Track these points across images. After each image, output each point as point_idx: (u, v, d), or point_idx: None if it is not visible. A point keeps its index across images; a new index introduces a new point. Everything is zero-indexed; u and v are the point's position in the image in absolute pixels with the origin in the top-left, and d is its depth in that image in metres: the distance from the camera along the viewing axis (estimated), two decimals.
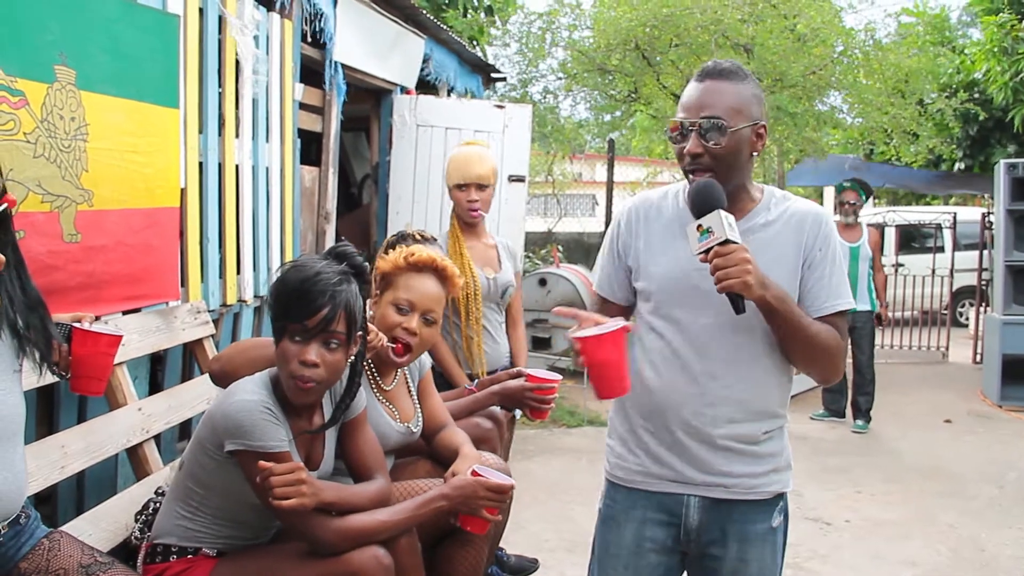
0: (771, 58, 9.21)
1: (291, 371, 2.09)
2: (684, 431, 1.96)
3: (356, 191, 7.86)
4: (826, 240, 1.97)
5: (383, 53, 5.83)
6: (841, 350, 1.96)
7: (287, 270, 2.15)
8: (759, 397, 1.97)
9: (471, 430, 2.81)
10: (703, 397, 1.94)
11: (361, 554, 2.10)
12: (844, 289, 1.98)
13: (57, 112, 2.74)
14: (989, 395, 8.18)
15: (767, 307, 1.84)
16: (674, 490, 2.00)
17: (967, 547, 4.47)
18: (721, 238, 1.77)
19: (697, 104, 1.90)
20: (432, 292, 2.54)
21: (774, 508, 2.02)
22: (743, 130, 1.90)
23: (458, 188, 3.66)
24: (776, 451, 2.02)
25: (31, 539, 2.01)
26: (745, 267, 1.76)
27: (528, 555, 3.62)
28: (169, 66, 3.42)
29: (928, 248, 11.89)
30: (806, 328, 1.89)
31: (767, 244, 1.93)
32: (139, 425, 2.96)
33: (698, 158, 1.89)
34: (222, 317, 4.06)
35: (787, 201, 2.01)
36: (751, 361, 1.95)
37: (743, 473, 1.97)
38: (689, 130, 1.90)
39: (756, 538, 1.99)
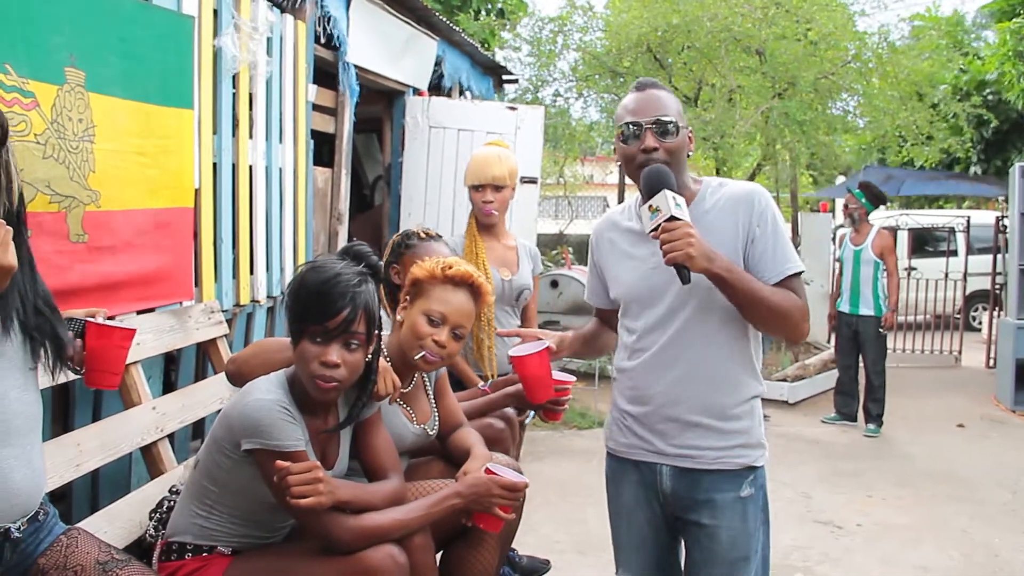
0: (783, 62, 9.19)
1: (312, 372, 2.09)
2: (658, 411, 2.23)
3: (369, 192, 7.88)
4: (762, 215, 2.18)
5: (396, 55, 5.85)
6: (800, 309, 2.16)
7: (306, 272, 2.15)
8: (722, 371, 2.20)
9: (484, 430, 2.81)
10: (667, 377, 2.20)
11: (376, 552, 2.11)
12: (789, 254, 2.18)
13: (66, 114, 2.76)
14: (1002, 400, 8.14)
15: (716, 278, 2.06)
16: (650, 459, 2.26)
17: (979, 552, 4.45)
18: (667, 215, 2.00)
19: (650, 107, 2.17)
20: (465, 308, 2.52)
21: (743, 480, 2.22)
22: (683, 130, 2.19)
23: (475, 189, 3.67)
24: (744, 428, 2.23)
25: (49, 535, 2.03)
26: (688, 240, 1.99)
27: (539, 556, 3.62)
28: (183, 67, 3.44)
29: (941, 252, 11.83)
30: (758, 292, 2.10)
31: (708, 229, 2.13)
32: (153, 424, 2.98)
33: (654, 152, 2.14)
34: (235, 317, 4.08)
35: (722, 188, 2.25)
36: (707, 336, 2.18)
37: (709, 446, 2.20)
38: (644, 129, 2.15)
39: (725, 506, 2.19)
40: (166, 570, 2.19)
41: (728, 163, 11.00)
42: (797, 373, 8.43)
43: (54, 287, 2.15)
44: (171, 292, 3.44)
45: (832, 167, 15.21)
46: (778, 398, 8.00)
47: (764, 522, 2.28)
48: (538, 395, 2.57)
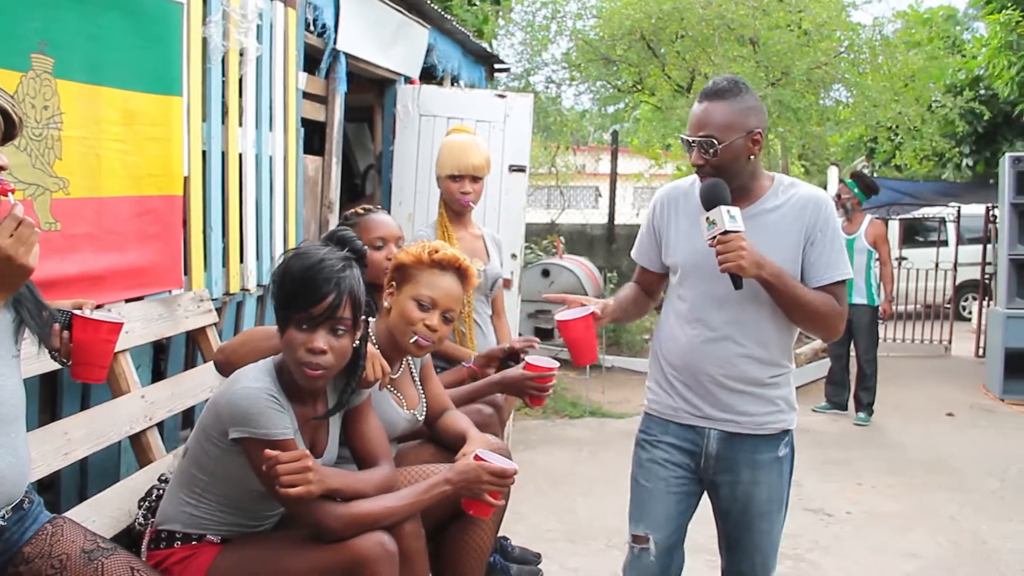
0: (776, 51, 9.18)
1: (299, 359, 2.09)
2: (705, 377, 2.41)
3: (360, 181, 7.85)
4: (826, 222, 2.37)
5: (386, 43, 5.81)
6: (838, 313, 2.37)
7: (289, 258, 2.14)
8: (764, 349, 2.40)
9: (472, 416, 2.81)
10: (719, 349, 2.39)
11: (366, 540, 2.10)
12: (841, 262, 2.38)
13: (29, 101, 2.73)
14: (992, 389, 8.18)
15: (764, 283, 2.27)
16: (697, 423, 2.45)
17: (968, 540, 4.48)
18: (722, 229, 2.21)
19: (696, 124, 2.32)
20: (454, 291, 2.55)
21: (780, 442, 2.45)
22: (736, 142, 2.29)
23: (451, 178, 3.58)
24: (781, 396, 2.45)
25: (35, 524, 2.01)
26: (740, 253, 2.19)
27: (530, 546, 3.63)
28: (171, 55, 3.41)
29: (932, 242, 11.88)
30: (801, 297, 2.31)
31: (774, 224, 2.35)
32: (142, 412, 2.97)
33: (701, 168, 2.33)
34: (225, 306, 4.06)
35: (794, 188, 2.42)
36: (757, 322, 2.38)
37: (753, 412, 2.41)
38: (692, 145, 2.32)
39: (765, 465, 2.43)
40: (155, 558, 2.18)
41: None
42: None
43: (39, 277, 2.13)
44: (160, 280, 3.42)
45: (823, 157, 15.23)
46: None
47: (791, 474, 2.52)
48: (583, 358, 2.61)
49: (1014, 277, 8.11)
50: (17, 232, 1.71)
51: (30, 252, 1.72)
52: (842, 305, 2.37)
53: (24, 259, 1.71)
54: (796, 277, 2.35)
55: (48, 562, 1.97)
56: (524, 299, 6.35)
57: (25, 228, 1.71)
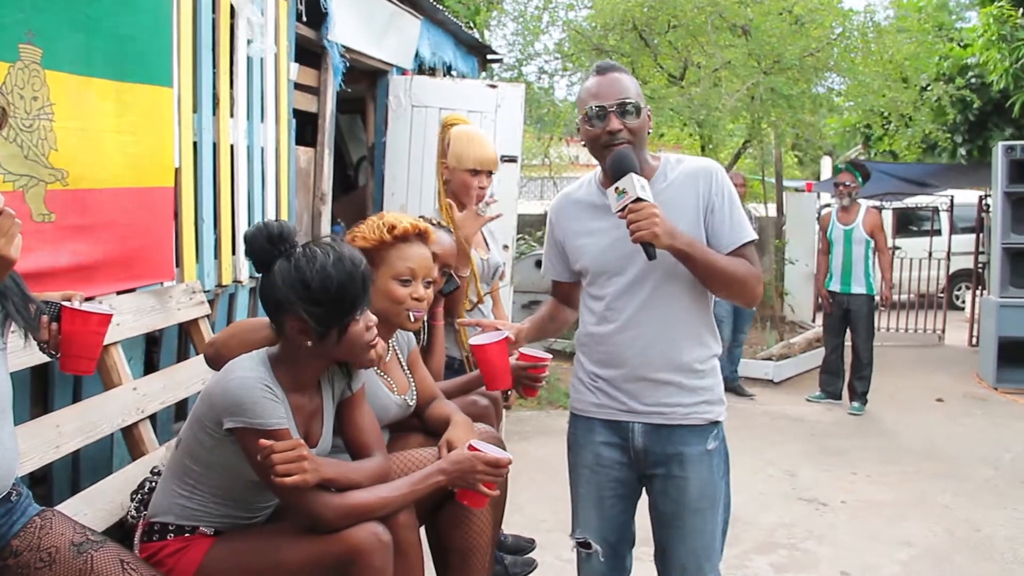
0: (768, 39, 9.16)
1: (367, 342, 2.21)
2: (625, 369, 2.35)
3: (353, 173, 7.83)
4: (720, 188, 2.33)
5: (379, 34, 5.79)
6: (755, 275, 2.32)
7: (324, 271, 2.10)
8: (688, 332, 2.34)
9: (468, 408, 2.81)
10: (636, 337, 2.33)
11: (360, 531, 2.10)
12: (744, 224, 2.33)
13: (18, 92, 2.70)
14: (985, 377, 8.20)
15: (679, 253, 2.20)
16: (622, 418, 2.38)
17: (962, 528, 4.49)
18: (633, 196, 2.14)
19: (611, 91, 2.28)
20: (426, 256, 2.60)
21: (708, 434, 2.36)
22: (644, 111, 2.31)
23: (472, 172, 3.49)
24: (708, 386, 2.37)
25: (23, 517, 2.00)
26: (653, 220, 2.13)
27: (524, 535, 3.62)
28: (162, 45, 3.39)
29: (925, 231, 11.89)
30: (716, 262, 2.25)
31: (669, 202, 2.27)
32: (134, 405, 2.95)
33: (618, 133, 2.26)
34: (218, 298, 4.04)
35: (681, 163, 2.39)
36: (671, 302, 2.32)
37: (677, 403, 2.33)
38: (608, 111, 2.26)
39: (694, 458, 2.34)
40: (148, 551, 2.17)
41: (714, 141, 10.98)
42: (782, 352, 8.46)
43: (22, 268, 2.11)
44: (151, 272, 3.40)
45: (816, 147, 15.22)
46: (763, 377, 8.04)
47: (726, 472, 2.41)
48: (496, 383, 2.63)
49: (1007, 266, 8.13)
50: None
51: (11, 243, 1.69)
52: (756, 266, 2.33)
53: (5, 251, 1.68)
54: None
55: (37, 555, 1.96)
56: (517, 290, 6.34)
57: (5, 219, 1.68)
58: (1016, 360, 7.90)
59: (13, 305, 1.99)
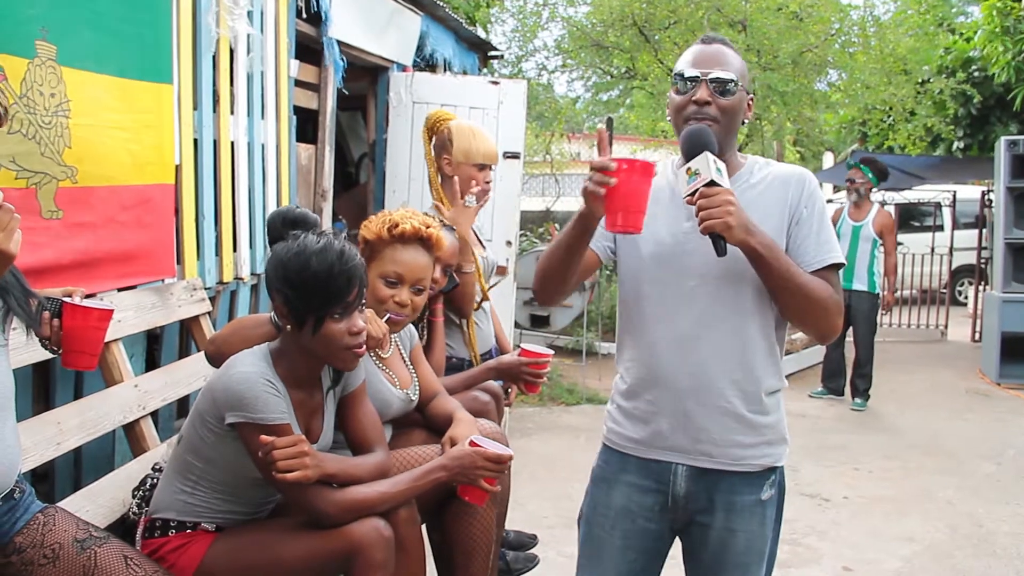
0: (766, 35, 9.15)
1: (346, 345, 2.13)
2: (672, 392, 1.98)
3: (354, 170, 7.82)
4: (811, 198, 1.99)
5: (379, 30, 5.78)
6: (835, 303, 1.95)
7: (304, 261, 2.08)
8: (753, 356, 1.97)
9: (469, 404, 2.80)
10: (689, 354, 1.96)
11: (361, 526, 2.10)
12: (833, 244, 1.98)
13: (37, 88, 2.70)
14: (988, 373, 8.19)
15: (752, 252, 1.85)
16: (663, 458, 2.02)
17: (965, 523, 4.48)
18: (707, 179, 1.80)
19: (710, 61, 1.96)
20: (420, 263, 2.54)
21: (764, 481, 2.01)
22: (743, 93, 1.98)
23: (479, 167, 3.46)
24: (769, 423, 2.01)
25: (26, 514, 2.00)
26: (727, 208, 1.78)
27: (527, 531, 3.62)
28: (162, 42, 3.38)
29: (927, 227, 11.87)
30: (796, 277, 1.88)
31: (752, 204, 1.92)
32: (135, 402, 2.95)
33: (705, 107, 1.93)
34: (219, 295, 4.04)
35: (769, 166, 2.06)
36: (738, 316, 1.96)
37: (732, 443, 1.97)
38: (699, 80, 1.94)
39: (743, 509, 1.99)
40: (150, 547, 2.17)
41: None
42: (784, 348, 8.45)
43: (28, 264, 2.12)
44: (152, 269, 3.39)
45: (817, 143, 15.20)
46: None
47: (778, 520, 2.08)
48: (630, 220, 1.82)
49: (1010, 261, 8.12)
50: None
51: (10, 238, 1.69)
52: (839, 293, 1.96)
53: (4, 245, 1.68)
54: None
55: (40, 551, 1.96)
56: (520, 287, 6.33)
57: (4, 214, 1.67)
58: (1019, 355, 7.89)
59: (15, 300, 1.99)
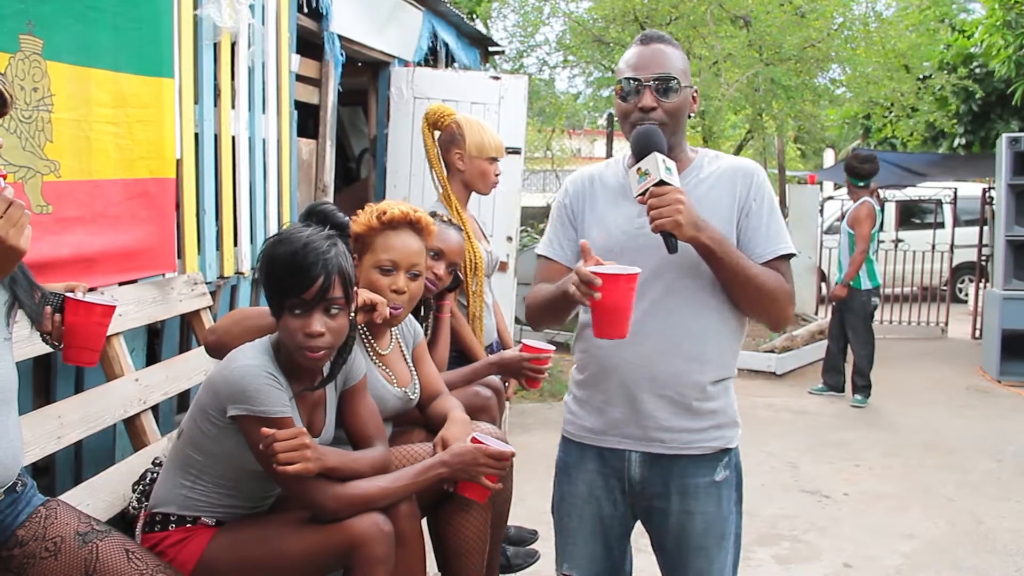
0: (768, 29, 9.14)
1: (298, 344, 2.07)
2: (624, 383, 2.06)
3: (355, 166, 7.82)
4: (759, 191, 2.07)
5: (381, 25, 5.77)
6: (784, 293, 2.03)
7: (273, 245, 2.10)
8: (703, 346, 2.04)
9: (470, 399, 2.80)
10: (641, 344, 2.00)
11: (361, 521, 2.09)
12: (783, 234, 2.06)
13: (19, 82, 2.70)
14: (988, 370, 8.19)
15: (703, 248, 1.93)
16: (617, 446, 2.11)
17: (965, 520, 4.48)
18: (656, 179, 1.87)
19: (649, 64, 2.02)
20: (413, 247, 2.51)
21: (717, 463, 2.09)
22: (687, 90, 2.06)
23: (491, 160, 3.51)
24: (719, 408, 2.08)
25: (28, 507, 2.00)
26: (677, 207, 1.85)
27: (527, 527, 3.62)
28: (162, 36, 3.38)
29: (928, 224, 11.86)
30: (746, 269, 1.97)
31: (702, 198, 2.01)
32: (136, 396, 2.95)
33: (650, 112, 2.00)
34: (219, 289, 4.04)
35: (719, 160, 2.14)
36: (689, 309, 2.03)
37: (681, 428, 2.05)
38: (644, 86, 2.01)
39: (698, 491, 2.07)
40: (150, 541, 2.17)
41: (715, 133, 10.96)
42: (784, 344, 8.45)
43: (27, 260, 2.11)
44: (153, 264, 3.40)
45: (818, 139, 15.19)
46: (765, 369, 8.03)
47: (738, 502, 2.15)
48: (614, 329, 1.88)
49: (1011, 258, 8.11)
50: (7, 214, 1.68)
51: (21, 234, 1.69)
52: (790, 284, 2.04)
53: (15, 241, 1.68)
54: None
55: (42, 544, 1.96)
56: (520, 282, 6.33)
57: (15, 210, 1.68)
58: (1019, 353, 7.89)
59: (22, 292, 1.99)
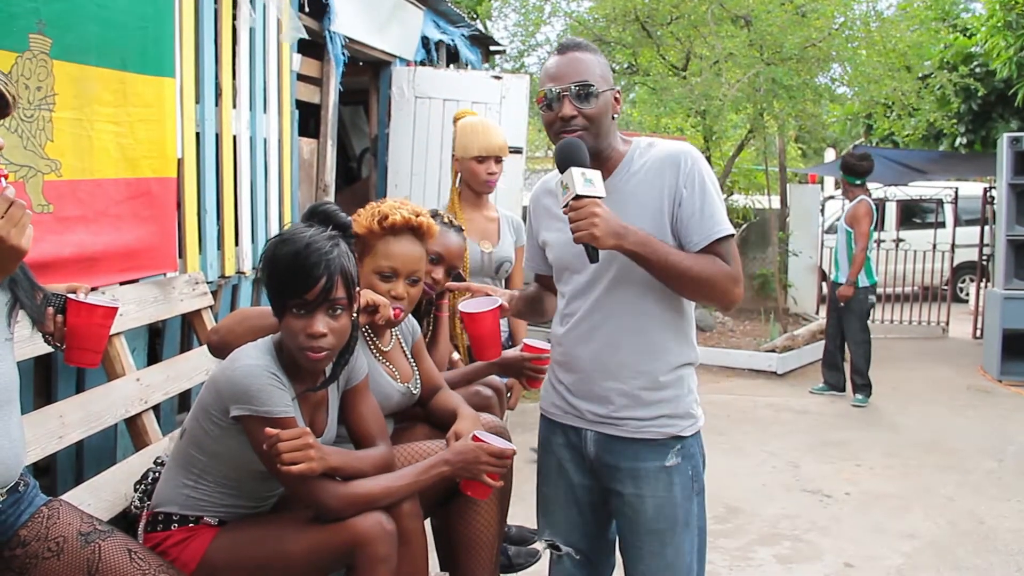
0: (769, 29, 9.13)
1: (300, 344, 2.07)
2: (580, 376, 2.22)
3: (356, 165, 7.82)
4: (690, 176, 2.10)
5: (381, 24, 5.77)
6: (727, 275, 2.09)
7: (276, 246, 2.10)
8: (646, 339, 2.15)
9: (472, 398, 2.79)
10: (595, 347, 2.18)
11: (364, 520, 2.09)
12: (718, 218, 2.10)
13: (23, 81, 2.70)
14: (989, 370, 8.19)
15: (629, 254, 2.02)
16: (575, 424, 2.26)
17: (966, 519, 4.48)
18: (573, 194, 1.96)
19: (567, 73, 2.09)
20: (413, 254, 2.51)
21: (668, 449, 2.17)
22: (607, 93, 2.11)
23: (478, 160, 3.54)
24: (669, 398, 2.17)
25: (30, 507, 2.00)
26: (592, 220, 1.94)
27: (528, 526, 3.62)
28: (164, 35, 3.38)
29: (929, 223, 11.86)
30: (677, 264, 2.04)
31: (632, 194, 2.11)
32: (137, 396, 2.95)
33: (572, 120, 2.07)
34: (220, 289, 4.04)
35: (651, 149, 2.18)
36: (632, 308, 2.14)
37: (632, 416, 2.16)
38: (562, 96, 2.08)
39: (648, 475, 2.16)
40: (152, 541, 2.16)
41: (716, 132, 10.95)
42: (785, 344, 8.45)
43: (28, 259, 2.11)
44: (154, 263, 3.40)
45: (819, 139, 15.17)
46: (766, 369, 8.03)
47: (698, 492, 2.21)
48: (486, 353, 2.54)
49: (1012, 258, 8.11)
50: (8, 213, 1.68)
51: (22, 233, 1.69)
52: (732, 264, 2.09)
53: (16, 240, 1.68)
54: (671, 245, 2.09)
55: (45, 544, 1.96)
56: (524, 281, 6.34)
57: (16, 209, 1.68)
58: (1020, 352, 7.88)
59: (23, 293, 1.99)
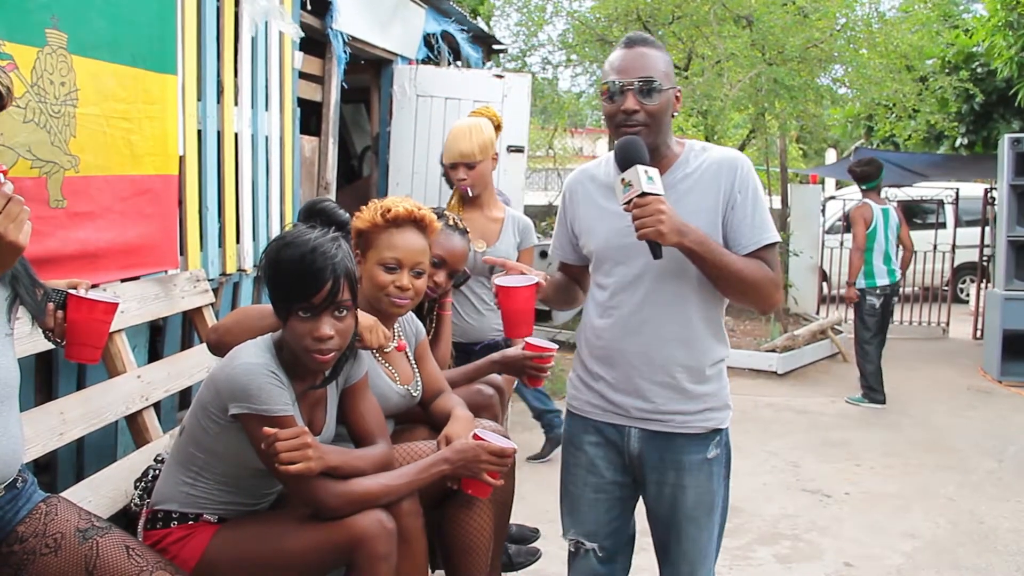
0: (771, 29, 9.12)
1: (307, 347, 2.07)
2: (626, 368, 2.22)
3: (357, 163, 7.82)
4: (744, 182, 2.17)
5: (383, 22, 5.77)
6: (769, 281, 2.16)
7: (279, 249, 2.09)
8: (693, 333, 2.19)
9: (472, 397, 2.80)
10: (639, 334, 2.19)
11: (364, 518, 2.09)
12: (767, 224, 2.18)
13: (47, 77, 2.70)
14: (989, 371, 8.18)
15: (688, 251, 2.07)
16: (617, 421, 2.27)
17: (966, 520, 4.48)
18: (638, 191, 2.00)
19: (632, 67, 2.12)
20: (417, 245, 2.53)
21: (709, 442, 2.23)
22: (669, 91, 2.15)
23: (451, 167, 3.64)
24: (713, 392, 2.23)
25: (28, 503, 2.00)
26: (659, 217, 1.99)
27: (528, 524, 3.62)
28: (167, 32, 3.38)
29: (930, 224, 11.86)
30: (730, 265, 2.10)
31: (687, 194, 2.16)
32: (138, 393, 2.95)
33: (633, 115, 2.11)
34: (222, 286, 4.04)
35: (705, 152, 2.23)
36: (679, 300, 2.18)
37: (677, 411, 2.20)
38: (625, 90, 2.11)
39: (692, 467, 2.22)
40: (152, 538, 2.17)
41: (717, 132, 10.94)
42: (786, 344, 8.44)
43: (35, 254, 2.11)
44: (156, 260, 3.40)
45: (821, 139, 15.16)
46: (767, 369, 8.03)
47: (726, 477, 2.31)
48: (518, 329, 2.49)
49: (1012, 259, 8.11)
50: (6, 209, 1.67)
51: (20, 230, 1.68)
52: (775, 270, 2.18)
53: (14, 236, 1.68)
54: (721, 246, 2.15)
55: (43, 541, 1.95)
56: None
57: (14, 205, 1.67)
58: (1020, 353, 7.88)
59: (24, 288, 1.99)
